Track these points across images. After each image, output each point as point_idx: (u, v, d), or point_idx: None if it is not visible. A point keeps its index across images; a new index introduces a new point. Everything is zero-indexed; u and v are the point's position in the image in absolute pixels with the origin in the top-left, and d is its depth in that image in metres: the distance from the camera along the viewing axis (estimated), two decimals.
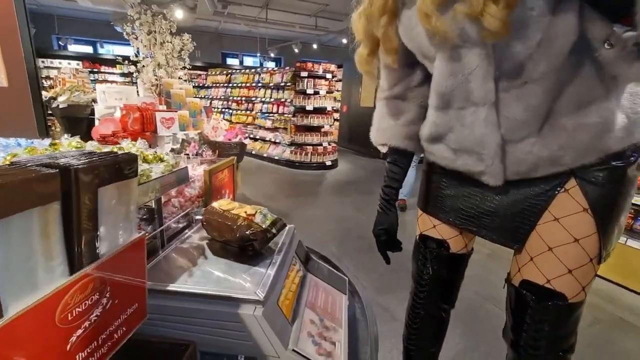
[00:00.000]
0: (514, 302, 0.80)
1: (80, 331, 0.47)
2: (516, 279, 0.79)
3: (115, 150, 0.75)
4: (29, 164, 0.43)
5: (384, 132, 0.90)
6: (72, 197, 0.44)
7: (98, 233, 0.50)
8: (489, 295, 2.40)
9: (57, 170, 0.42)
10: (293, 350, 0.66)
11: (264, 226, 0.84)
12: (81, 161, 0.47)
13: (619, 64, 0.53)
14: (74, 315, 0.46)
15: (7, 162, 0.46)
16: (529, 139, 0.67)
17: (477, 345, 1.84)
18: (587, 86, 0.61)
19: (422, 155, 0.91)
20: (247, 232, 0.82)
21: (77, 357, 0.48)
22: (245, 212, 0.87)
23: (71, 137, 0.84)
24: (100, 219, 0.50)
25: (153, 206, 0.89)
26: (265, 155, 6.60)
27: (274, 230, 0.86)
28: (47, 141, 0.92)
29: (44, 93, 3.30)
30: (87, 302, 0.48)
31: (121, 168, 0.52)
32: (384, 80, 0.86)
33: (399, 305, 2.19)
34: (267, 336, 0.64)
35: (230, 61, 12.97)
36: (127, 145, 0.89)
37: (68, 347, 0.46)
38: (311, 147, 6.05)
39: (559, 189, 0.70)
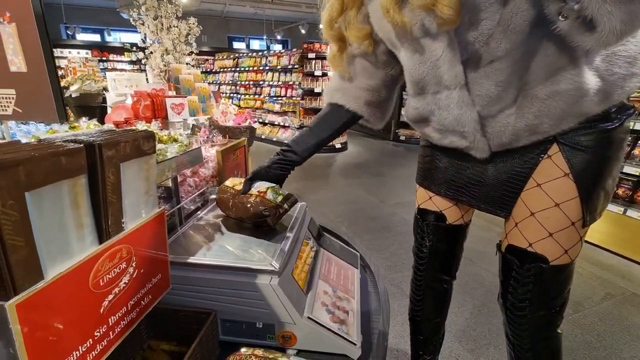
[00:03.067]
0: (501, 267, 0.84)
1: (111, 296, 0.51)
2: (503, 245, 0.83)
3: (133, 128, 0.77)
4: (56, 141, 0.46)
5: (344, 91, 0.89)
6: (97, 171, 0.46)
7: (122, 206, 0.53)
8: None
9: (83, 145, 0.44)
10: (308, 317, 0.69)
11: (276, 202, 0.87)
12: (103, 137, 0.49)
13: (574, 34, 0.54)
14: (105, 281, 0.49)
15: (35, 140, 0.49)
16: (505, 111, 0.69)
17: (489, 319, 1.88)
18: (554, 56, 0.62)
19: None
20: (260, 209, 0.84)
21: (110, 320, 0.52)
22: (257, 190, 0.90)
23: (89, 119, 0.87)
24: (124, 193, 0.53)
25: (170, 185, 0.93)
26: (274, 139, 6.61)
27: (285, 206, 0.89)
28: (65, 126, 0.95)
29: None
30: (116, 269, 0.51)
31: (141, 144, 0.54)
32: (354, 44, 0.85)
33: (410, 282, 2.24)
34: (283, 304, 0.67)
35: (236, 45, 12.84)
36: (142, 127, 0.91)
37: (101, 310, 0.49)
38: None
39: (542, 155, 0.72)
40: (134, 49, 3.58)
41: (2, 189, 0.35)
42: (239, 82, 7.85)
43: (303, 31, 10.52)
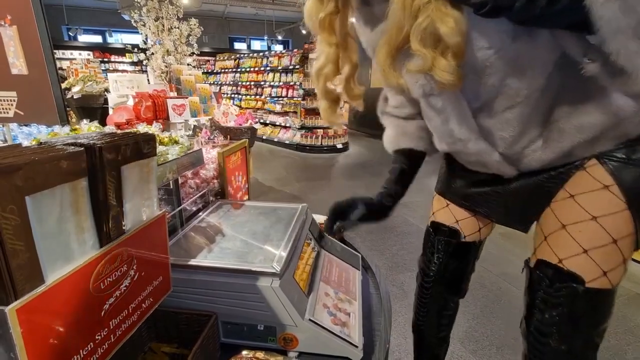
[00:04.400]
0: (528, 285, 0.75)
1: (112, 299, 0.51)
2: (532, 261, 0.74)
3: (133, 131, 0.77)
4: (57, 144, 0.46)
5: (407, 135, 0.87)
6: (97, 174, 0.46)
7: (123, 209, 0.53)
8: (502, 273, 2.41)
9: (83, 148, 0.44)
10: (310, 319, 0.69)
11: None
12: (104, 140, 0.49)
13: (603, 77, 0.50)
14: (106, 284, 0.49)
15: (36, 143, 0.48)
16: (531, 146, 0.65)
17: (491, 320, 1.87)
18: (579, 89, 0.58)
19: None
20: None
21: (111, 323, 0.51)
22: None
23: (90, 121, 0.87)
24: (125, 196, 0.52)
25: (171, 187, 0.93)
26: (276, 139, 6.62)
27: None
28: (67, 128, 0.95)
29: None
30: (116, 273, 0.51)
31: (141, 147, 0.54)
32: (391, 97, 0.86)
33: (412, 283, 2.23)
34: (284, 306, 0.67)
35: (237, 46, 12.86)
36: (142, 129, 0.91)
37: (102, 313, 0.49)
38: (321, 130, 6.04)
39: (574, 170, 0.66)
40: (136, 50, 3.60)
41: (2, 194, 0.34)
42: (240, 83, 7.85)
43: (304, 31, 10.52)
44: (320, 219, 1.20)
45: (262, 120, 6.97)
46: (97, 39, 10.73)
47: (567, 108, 0.60)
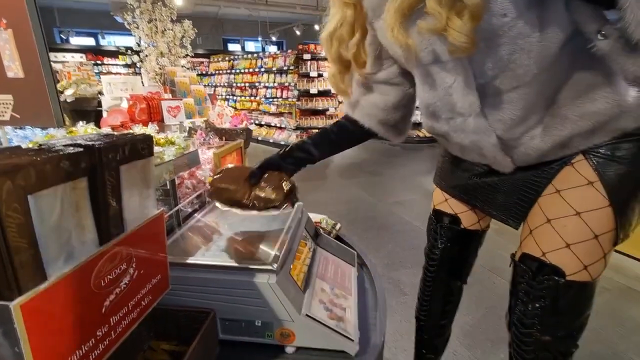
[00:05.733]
0: (512, 278, 0.79)
1: (112, 296, 0.52)
2: (517, 254, 0.78)
3: (131, 132, 0.78)
4: (56, 145, 0.47)
5: (361, 107, 0.85)
6: (97, 174, 0.47)
7: (122, 208, 0.54)
8: (495, 268, 2.44)
9: (83, 148, 0.45)
10: (306, 315, 0.70)
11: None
12: (102, 141, 0.50)
13: (615, 55, 0.49)
14: (107, 282, 0.51)
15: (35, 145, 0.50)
16: (530, 132, 0.64)
17: (485, 314, 1.90)
18: (587, 75, 0.58)
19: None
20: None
21: (111, 320, 0.53)
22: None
23: (86, 124, 0.88)
24: (123, 196, 0.54)
25: (168, 187, 0.94)
26: (271, 140, 6.62)
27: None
28: (63, 131, 0.96)
29: None
30: (116, 270, 0.53)
31: (139, 147, 0.55)
32: (368, 63, 0.79)
33: (408, 280, 2.26)
34: (281, 302, 0.69)
35: (231, 47, 12.84)
36: (139, 131, 0.92)
37: (103, 310, 0.51)
38: (317, 130, 6.05)
39: (564, 165, 0.68)
40: (129, 52, 3.58)
41: (6, 193, 0.36)
42: (234, 84, 7.85)
43: (298, 32, 10.53)
44: (316, 217, 1.22)
45: (257, 122, 6.97)
46: (90, 41, 10.65)
47: (572, 94, 0.60)
